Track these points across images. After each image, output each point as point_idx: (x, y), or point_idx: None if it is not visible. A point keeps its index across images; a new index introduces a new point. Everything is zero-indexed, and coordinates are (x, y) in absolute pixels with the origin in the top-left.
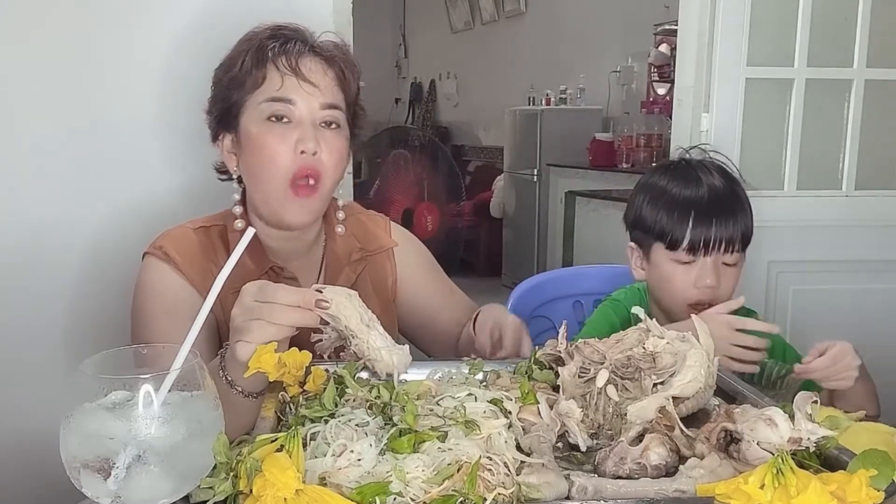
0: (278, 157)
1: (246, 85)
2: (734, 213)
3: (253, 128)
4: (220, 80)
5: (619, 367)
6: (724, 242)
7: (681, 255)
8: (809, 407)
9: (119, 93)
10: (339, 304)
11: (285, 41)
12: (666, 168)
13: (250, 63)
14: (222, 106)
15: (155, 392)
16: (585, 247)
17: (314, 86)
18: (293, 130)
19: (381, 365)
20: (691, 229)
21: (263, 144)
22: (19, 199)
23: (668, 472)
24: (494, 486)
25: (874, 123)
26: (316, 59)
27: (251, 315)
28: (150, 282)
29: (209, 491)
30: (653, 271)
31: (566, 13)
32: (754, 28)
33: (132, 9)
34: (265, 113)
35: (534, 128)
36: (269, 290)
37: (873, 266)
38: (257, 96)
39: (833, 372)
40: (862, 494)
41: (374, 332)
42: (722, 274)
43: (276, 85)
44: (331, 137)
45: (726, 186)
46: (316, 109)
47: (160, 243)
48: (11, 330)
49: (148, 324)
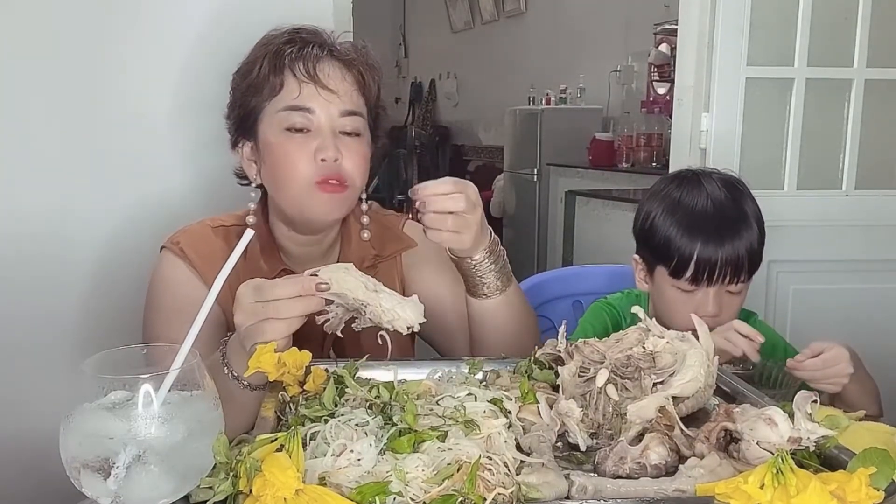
0: (299, 165)
1: (263, 91)
2: (741, 243)
3: (272, 137)
4: (238, 86)
5: (618, 366)
6: (728, 274)
7: (683, 284)
8: (809, 407)
9: (135, 90)
10: (340, 280)
11: (303, 45)
12: (676, 183)
13: (267, 69)
14: (240, 112)
15: (155, 392)
16: (585, 247)
17: (333, 92)
18: (313, 139)
19: (399, 322)
20: (695, 261)
21: (284, 154)
22: (34, 195)
23: (667, 471)
24: (494, 485)
25: (874, 123)
26: (334, 63)
27: (257, 317)
28: (163, 276)
29: (209, 491)
30: (655, 291)
31: (566, 13)
32: (754, 28)
33: (147, 8)
34: (284, 122)
35: (534, 127)
36: (266, 289)
37: (873, 266)
38: (275, 104)
39: (821, 375)
40: (862, 494)
41: (382, 295)
42: (725, 302)
43: (293, 92)
44: (351, 143)
45: (735, 212)
46: (335, 117)
47: (178, 238)
48: (19, 326)
49: (158, 318)
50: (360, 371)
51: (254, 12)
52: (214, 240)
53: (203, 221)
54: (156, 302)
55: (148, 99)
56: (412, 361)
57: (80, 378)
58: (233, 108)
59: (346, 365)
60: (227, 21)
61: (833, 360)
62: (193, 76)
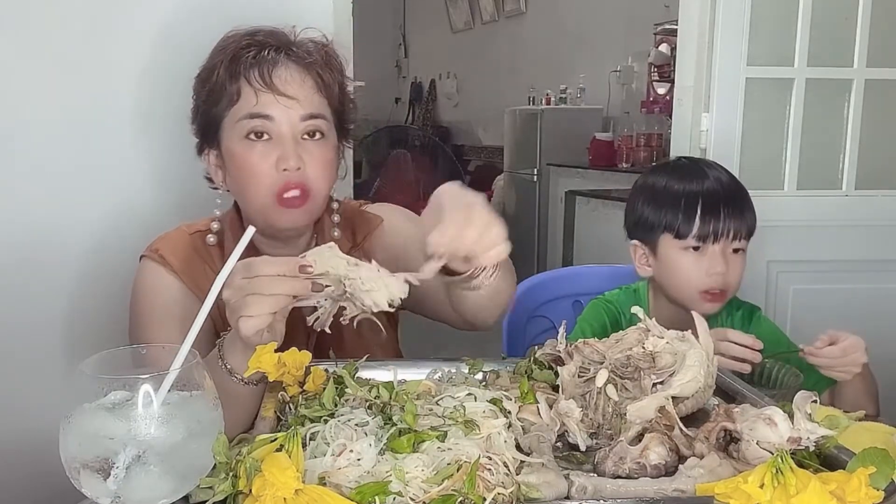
0: (261, 175)
1: (222, 101)
2: (740, 200)
3: (234, 146)
4: (199, 93)
5: (618, 366)
6: (732, 229)
7: (690, 242)
8: (809, 406)
9: (112, 96)
10: (323, 257)
11: (259, 49)
12: (665, 167)
13: (225, 76)
14: (203, 120)
15: (154, 392)
16: (585, 247)
17: (292, 98)
18: (274, 147)
19: (379, 295)
20: (700, 216)
21: (245, 163)
22: (15, 201)
23: (667, 471)
24: (494, 485)
25: (874, 123)
26: (291, 67)
27: (243, 292)
28: (146, 284)
29: (209, 491)
30: (661, 265)
31: (566, 13)
32: (754, 28)
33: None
34: (244, 130)
35: (534, 127)
36: (254, 265)
37: (873, 266)
38: (234, 113)
39: (839, 363)
40: (861, 494)
41: (363, 268)
42: (730, 261)
43: (251, 101)
44: (314, 148)
45: (729, 178)
46: (296, 122)
47: (156, 246)
48: (9, 330)
49: (144, 326)
50: (360, 371)
51: (253, 13)
52: (193, 244)
53: (180, 227)
54: (141, 310)
55: (124, 106)
56: (412, 361)
57: (78, 379)
58: (195, 115)
59: (346, 365)
60: (219, 22)
61: (851, 349)
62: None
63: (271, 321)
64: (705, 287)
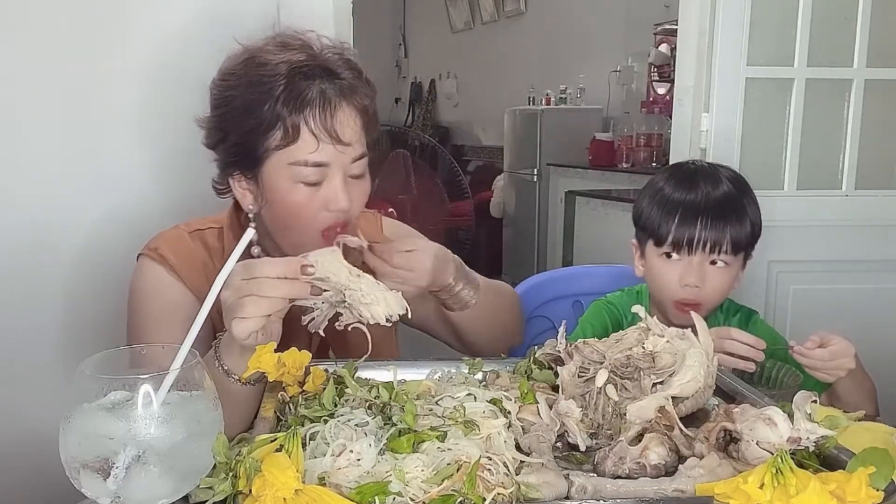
0: (308, 216)
1: (273, 135)
2: (724, 216)
3: (281, 184)
4: (236, 116)
5: (618, 366)
6: (709, 242)
7: (664, 249)
8: (809, 407)
9: (109, 96)
10: (325, 263)
11: (311, 79)
12: (671, 169)
13: (282, 111)
14: (239, 148)
15: (154, 392)
16: (585, 247)
17: (348, 145)
18: (324, 189)
19: (378, 308)
20: (676, 226)
21: (294, 204)
22: (14, 201)
23: (667, 471)
24: (494, 485)
25: (874, 123)
26: (347, 109)
27: (241, 293)
28: (144, 283)
29: (209, 491)
30: (646, 267)
31: (566, 13)
32: (754, 28)
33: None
34: (298, 175)
35: (534, 128)
36: (254, 267)
37: (873, 266)
38: (289, 154)
39: (826, 366)
40: (861, 494)
41: (364, 280)
42: (707, 274)
43: (310, 146)
44: (357, 185)
45: (725, 192)
46: (347, 164)
47: (155, 245)
48: (9, 330)
49: (143, 325)
50: (360, 371)
51: (251, 12)
52: (191, 244)
53: (178, 227)
54: (139, 309)
55: (124, 107)
56: (412, 361)
57: (78, 379)
58: (225, 134)
59: (346, 365)
60: (219, 24)
61: (840, 353)
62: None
63: (265, 323)
64: (678, 297)
